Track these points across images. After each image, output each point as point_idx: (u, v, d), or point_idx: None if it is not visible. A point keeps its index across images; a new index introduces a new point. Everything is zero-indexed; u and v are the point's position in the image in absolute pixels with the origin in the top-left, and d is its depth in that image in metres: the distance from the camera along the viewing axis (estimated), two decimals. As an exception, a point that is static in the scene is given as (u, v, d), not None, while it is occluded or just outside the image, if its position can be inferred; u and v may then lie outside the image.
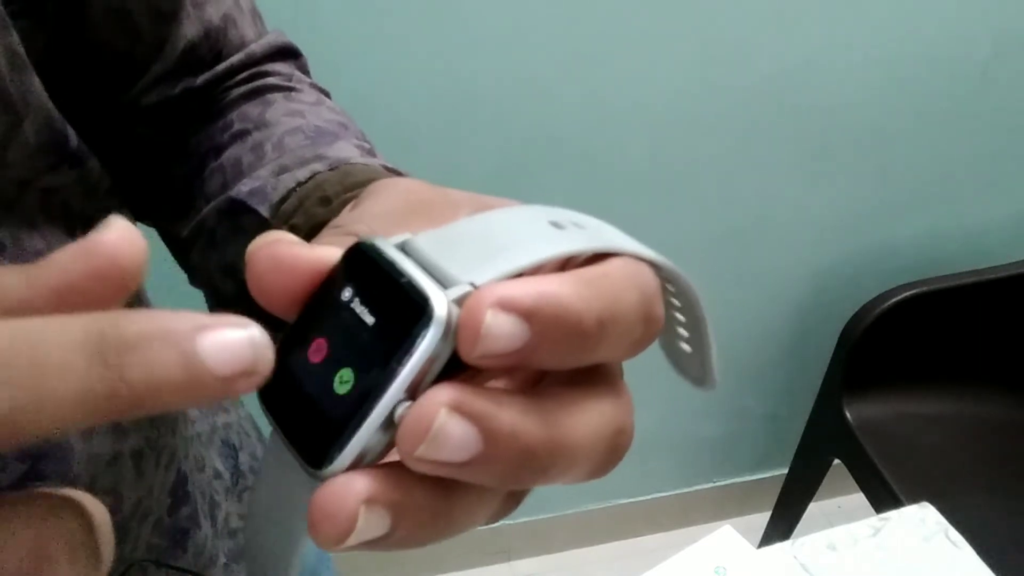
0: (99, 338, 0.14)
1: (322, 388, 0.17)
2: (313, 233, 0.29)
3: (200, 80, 0.37)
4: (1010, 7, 1.13)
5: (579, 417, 0.17)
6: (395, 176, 0.31)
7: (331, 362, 0.17)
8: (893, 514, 0.68)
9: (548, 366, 0.17)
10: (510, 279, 0.17)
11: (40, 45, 0.31)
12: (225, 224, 0.33)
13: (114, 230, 0.15)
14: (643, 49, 1.05)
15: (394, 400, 0.16)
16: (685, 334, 0.23)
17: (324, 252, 0.19)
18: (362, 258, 0.18)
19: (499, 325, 0.16)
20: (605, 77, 1.06)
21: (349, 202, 0.29)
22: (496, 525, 1.56)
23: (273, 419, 0.18)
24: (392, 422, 0.16)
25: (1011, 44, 1.17)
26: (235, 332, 0.15)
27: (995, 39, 1.16)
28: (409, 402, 0.16)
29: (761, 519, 1.41)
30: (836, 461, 1.21)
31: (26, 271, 0.15)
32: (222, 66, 0.37)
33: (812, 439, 1.28)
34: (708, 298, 0.21)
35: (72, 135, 0.32)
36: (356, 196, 0.28)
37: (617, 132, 1.11)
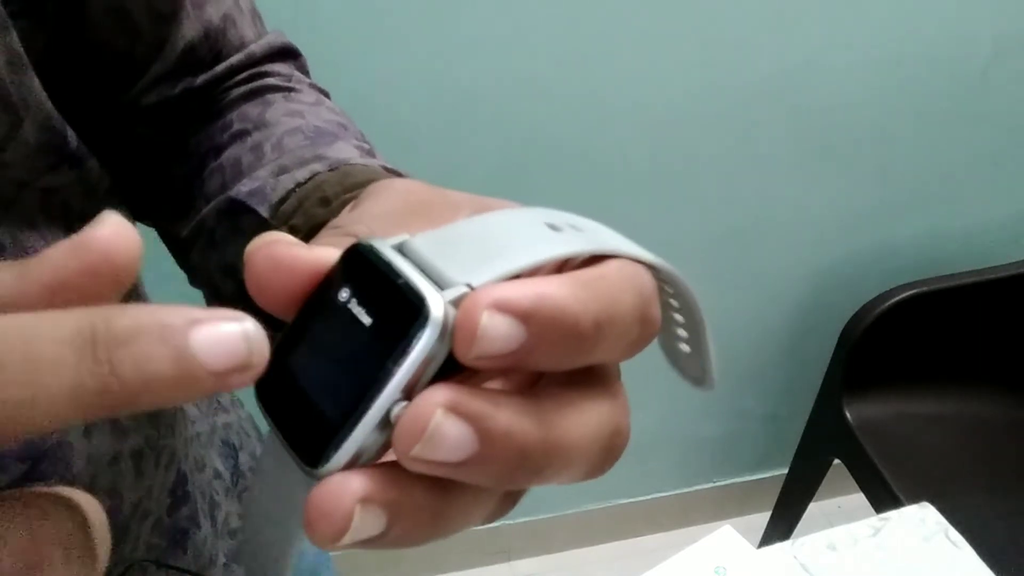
0: (90, 333, 0.14)
1: (319, 387, 0.17)
2: (312, 233, 0.29)
3: (200, 80, 0.37)
4: (1010, 7, 1.13)
5: (575, 418, 0.17)
6: (395, 177, 0.31)
7: (328, 362, 0.17)
8: (893, 514, 0.68)
9: (544, 367, 0.17)
10: (507, 281, 0.17)
11: (40, 45, 0.31)
12: (224, 224, 0.33)
13: (107, 225, 0.15)
14: (643, 49, 1.05)
15: (390, 400, 0.16)
16: (684, 335, 0.23)
17: (322, 253, 0.19)
18: (360, 259, 0.18)
19: (495, 326, 0.16)
20: (605, 77, 1.06)
21: (348, 203, 0.29)
22: (496, 525, 1.56)
23: (270, 418, 0.18)
24: (388, 422, 0.16)
25: (1011, 44, 1.17)
26: (229, 326, 0.15)
27: (995, 39, 1.16)
28: (405, 402, 0.16)
29: (761, 519, 1.41)
30: (836, 461, 1.21)
31: (19, 267, 0.15)
32: (222, 66, 0.38)
33: (812, 439, 1.28)
34: (708, 298, 0.21)
35: (72, 135, 0.32)
36: (355, 197, 0.28)
37: (617, 132, 1.11)
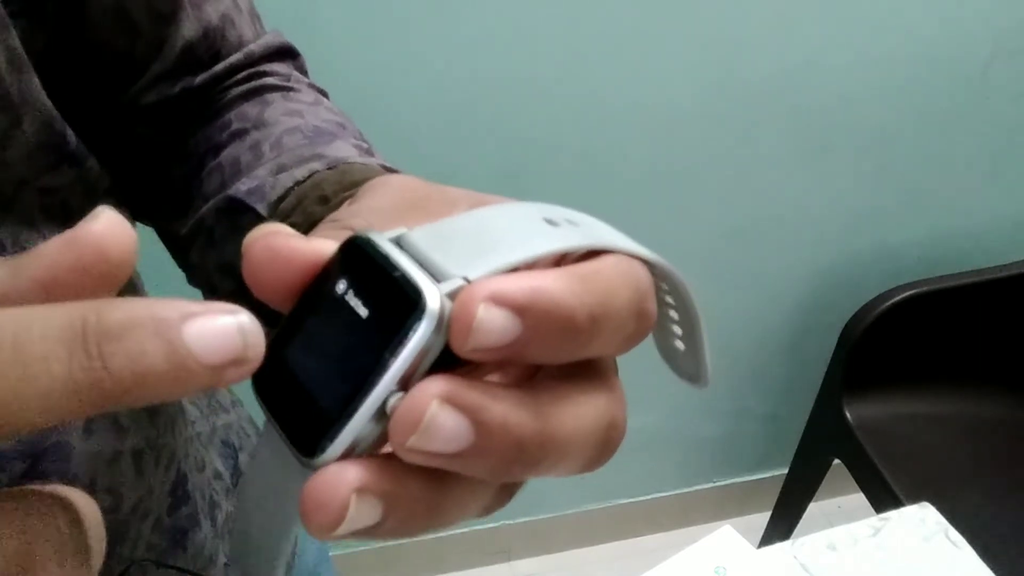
0: (81, 327, 0.14)
1: (315, 378, 0.17)
2: (311, 231, 0.29)
3: (199, 80, 0.37)
4: (1010, 7, 1.13)
5: (571, 410, 0.18)
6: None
7: (325, 353, 0.17)
8: (893, 514, 0.68)
9: (540, 360, 0.18)
10: (504, 274, 0.17)
11: (40, 45, 0.31)
12: (224, 223, 0.33)
13: (101, 220, 0.15)
14: (643, 49, 1.05)
15: (386, 391, 0.16)
16: (679, 332, 0.23)
17: (320, 245, 0.19)
18: (357, 251, 0.18)
19: (491, 319, 0.16)
20: (605, 77, 1.06)
21: (347, 200, 0.29)
22: (496, 525, 1.56)
23: (266, 408, 0.18)
24: (384, 413, 0.16)
25: (1011, 44, 1.17)
26: (224, 319, 0.15)
27: (995, 39, 1.16)
28: (401, 393, 0.16)
29: (761, 519, 1.41)
30: (836, 461, 1.21)
31: (12, 263, 0.15)
32: (220, 66, 0.38)
33: (812, 439, 1.28)
34: (708, 298, 0.21)
35: (71, 135, 0.32)
36: (354, 195, 0.28)
37: (617, 132, 1.11)
